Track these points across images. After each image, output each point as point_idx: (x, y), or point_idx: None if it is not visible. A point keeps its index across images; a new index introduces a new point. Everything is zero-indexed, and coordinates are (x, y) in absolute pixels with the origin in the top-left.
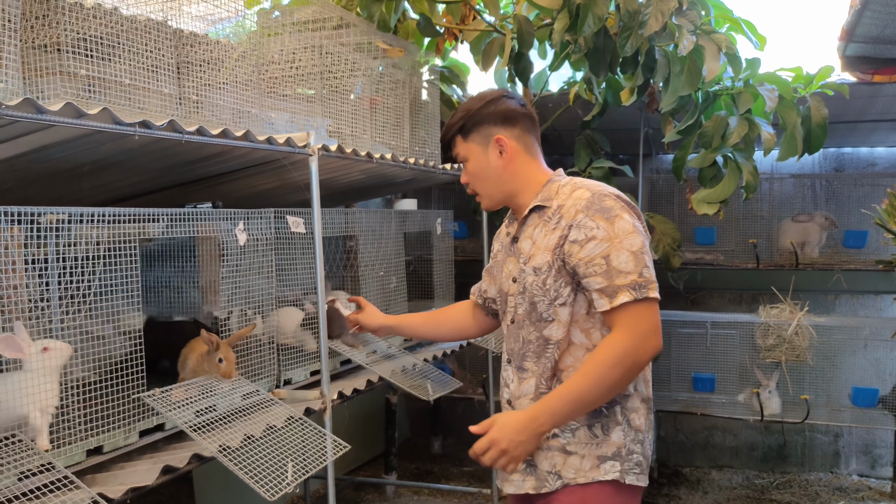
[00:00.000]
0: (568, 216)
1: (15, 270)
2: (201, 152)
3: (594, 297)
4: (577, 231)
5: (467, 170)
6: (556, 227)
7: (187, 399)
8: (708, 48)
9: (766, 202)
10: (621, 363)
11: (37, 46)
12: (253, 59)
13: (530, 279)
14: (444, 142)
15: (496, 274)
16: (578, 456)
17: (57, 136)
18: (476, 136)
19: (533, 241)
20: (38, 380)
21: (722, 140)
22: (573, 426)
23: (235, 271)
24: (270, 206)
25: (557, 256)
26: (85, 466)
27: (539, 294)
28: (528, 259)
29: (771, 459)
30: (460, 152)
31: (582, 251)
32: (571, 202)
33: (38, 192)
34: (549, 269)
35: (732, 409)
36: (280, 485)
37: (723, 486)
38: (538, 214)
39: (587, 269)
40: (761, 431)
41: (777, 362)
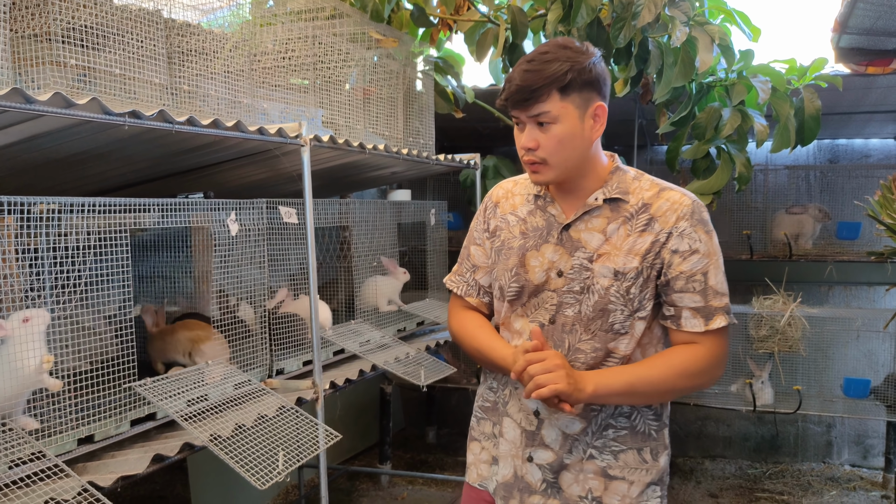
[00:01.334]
0: (664, 221)
1: (6, 260)
2: (192, 142)
3: (685, 314)
4: (680, 241)
5: (551, 132)
6: (646, 230)
7: (182, 388)
8: (701, 39)
9: (759, 193)
10: (693, 379)
11: (27, 36)
12: (246, 49)
13: (604, 282)
14: (528, 91)
15: (506, 259)
16: (626, 482)
17: (46, 125)
18: (577, 97)
19: (606, 238)
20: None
21: (715, 131)
22: (615, 448)
23: (227, 261)
24: (264, 196)
25: (649, 264)
26: (76, 455)
27: (619, 302)
28: (596, 257)
29: (764, 450)
30: (551, 110)
31: (684, 263)
32: (668, 205)
33: (30, 181)
34: (636, 277)
35: (725, 399)
36: (270, 474)
37: (716, 476)
38: (611, 208)
39: (686, 284)
40: (754, 422)
41: (770, 353)
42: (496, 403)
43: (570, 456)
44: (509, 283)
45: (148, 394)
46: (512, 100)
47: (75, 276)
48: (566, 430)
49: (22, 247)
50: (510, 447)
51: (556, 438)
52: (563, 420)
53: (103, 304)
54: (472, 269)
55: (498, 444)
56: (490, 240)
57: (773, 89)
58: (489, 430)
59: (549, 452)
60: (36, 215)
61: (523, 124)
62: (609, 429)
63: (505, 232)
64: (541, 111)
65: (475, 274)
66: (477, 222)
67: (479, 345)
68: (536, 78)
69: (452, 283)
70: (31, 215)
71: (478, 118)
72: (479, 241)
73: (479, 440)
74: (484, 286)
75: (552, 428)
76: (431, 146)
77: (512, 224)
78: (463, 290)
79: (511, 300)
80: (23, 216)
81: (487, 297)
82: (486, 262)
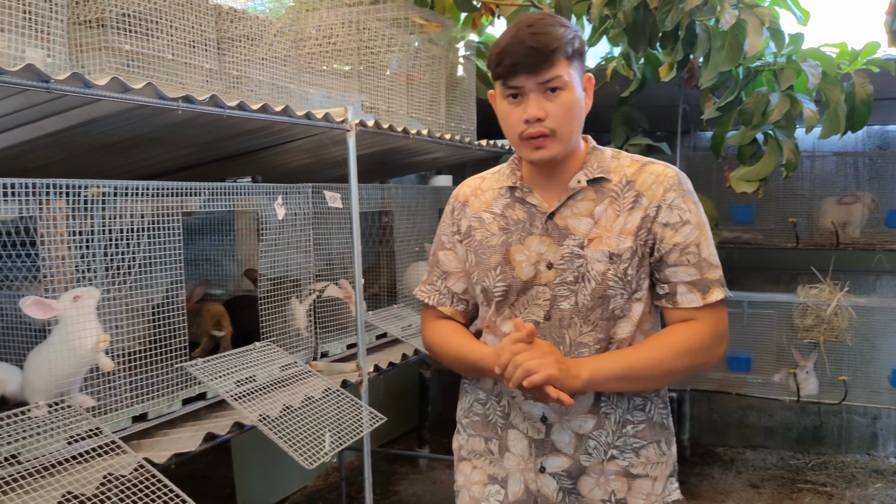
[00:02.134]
0: (652, 194)
1: (61, 242)
2: (241, 127)
3: (680, 290)
4: (670, 213)
5: (561, 100)
6: (634, 207)
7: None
8: (750, 22)
9: (807, 180)
10: (693, 357)
11: (80, 22)
12: (291, 34)
13: (600, 267)
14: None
15: (487, 258)
16: (650, 479)
17: (103, 110)
18: (578, 64)
19: (595, 221)
20: (81, 325)
21: (762, 117)
22: (636, 445)
23: (274, 245)
24: (305, 181)
25: (642, 241)
26: (130, 432)
27: (618, 286)
28: (587, 242)
29: (806, 440)
30: (562, 75)
31: (677, 235)
32: (652, 178)
33: (84, 165)
34: (631, 257)
35: (768, 389)
36: (318, 454)
37: (757, 466)
38: (595, 189)
39: (680, 257)
40: (797, 412)
41: (815, 343)
42: (487, 417)
43: (588, 458)
44: (495, 283)
45: (199, 373)
46: (524, 64)
47: (129, 258)
48: (579, 430)
49: (75, 229)
50: (518, 461)
51: (569, 441)
52: (575, 420)
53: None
54: (443, 276)
55: (501, 460)
56: (463, 242)
57: (823, 74)
58: (481, 447)
59: (563, 458)
60: (90, 198)
61: (523, 96)
62: (627, 425)
63: (481, 231)
64: (553, 75)
65: (447, 281)
66: (444, 226)
67: (457, 351)
68: (549, 40)
69: (423, 293)
70: (85, 198)
71: None
72: (450, 245)
73: (470, 459)
74: (457, 293)
75: (563, 431)
76: (473, 131)
77: (488, 221)
78: (435, 300)
79: (498, 301)
80: (75, 199)
81: (462, 304)
82: (458, 267)
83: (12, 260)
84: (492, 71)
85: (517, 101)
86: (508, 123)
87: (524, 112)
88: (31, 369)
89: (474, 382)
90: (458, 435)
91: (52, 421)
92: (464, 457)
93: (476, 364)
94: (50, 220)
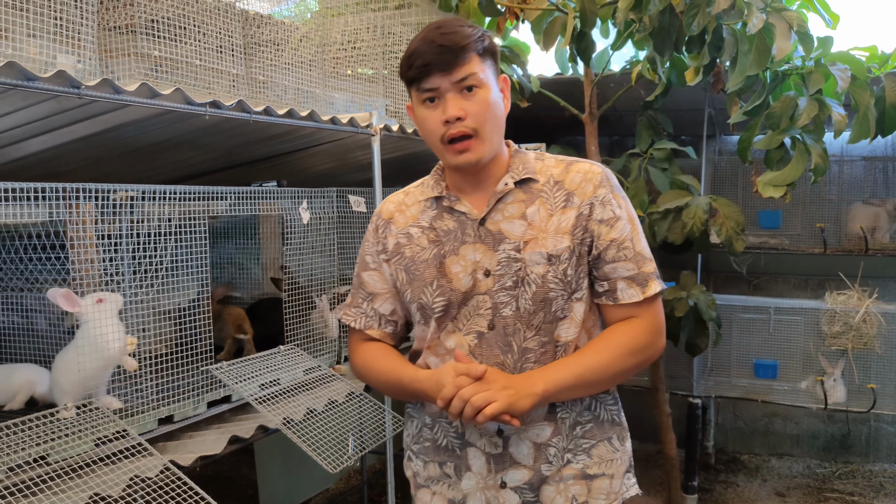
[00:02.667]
0: (582, 193)
1: (90, 245)
2: (267, 132)
3: (620, 286)
4: (603, 209)
5: (479, 98)
6: (567, 206)
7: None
8: (778, 26)
9: (835, 185)
10: (640, 353)
11: (109, 28)
12: (316, 39)
13: (539, 269)
14: (454, 51)
15: (421, 274)
16: (606, 478)
17: (132, 115)
18: (492, 64)
19: (528, 223)
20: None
21: (790, 121)
22: (586, 445)
23: (300, 250)
24: (328, 185)
25: (579, 240)
26: (156, 434)
27: (558, 287)
28: (523, 245)
29: (833, 449)
30: (476, 72)
31: (613, 232)
32: (580, 177)
33: (112, 169)
34: (570, 256)
35: (795, 396)
36: (341, 458)
37: (782, 475)
38: (523, 190)
39: (618, 252)
40: (824, 420)
41: (843, 350)
42: (437, 441)
43: (549, 467)
44: (433, 299)
45: (223, 376)
46: (435, 63)
47: (156, 261)
48: (537, 439)
49: (102, 233)
50: (477, 479)
51: (528, 453)
52: (532, 429)
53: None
54: (369, 297)
55: (459, 482)
56: (391, 261)
57: (852, 77)
58: (437, 472)
59: (524, 470)
60: (118, 202)
61: (439, 98)
62: (577, 427)
63: (410, 247)
64: (468, 73)
65: (373, 303)
66: (367, 245)
67: (389, 376)
68: (459, 38)
69: (349, 316)
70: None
71: (542, 107)
72: (374, 265)
73: (428, 486)
74: (385, 315)
75: (522, 442)
76: None
77: (416, 236)
78: (362, 323)
79: (439, 317)
80: (104, 203)
81: (391, 326)
82: (385, 287)
83: (42, 263)
84: (404, 77)
85: (434, 105)
86: (428, 128)
87: (443, 113)
88: (58, 370)
89: (419, 407)
90: (411, 462)
91: (80, 422)
92: (421, 484)
93: (412, 389)
94: (80, 224)
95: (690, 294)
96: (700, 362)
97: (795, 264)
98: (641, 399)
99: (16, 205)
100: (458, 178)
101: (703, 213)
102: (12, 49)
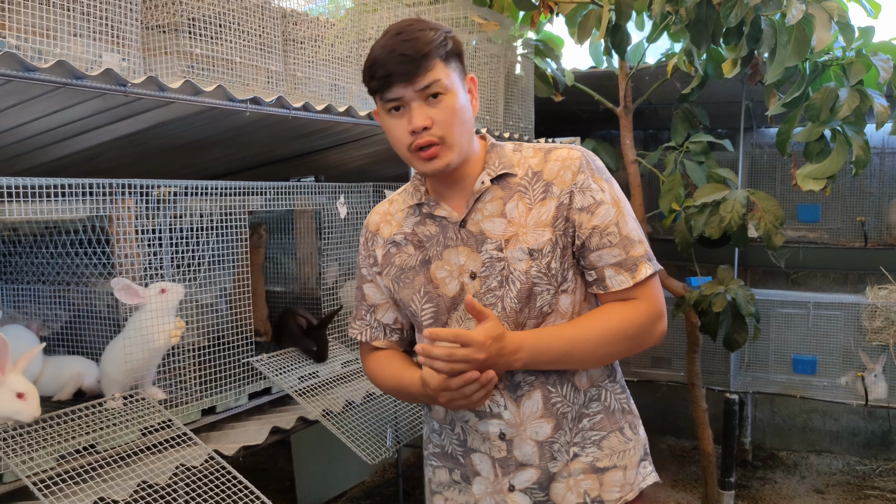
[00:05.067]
0: (561, 182)
1: (130, 240)
2: (305, 128)
3: (608, 273)
4: (582, 196)
5: (444, 105)
6: (545, 197)
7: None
8: (818, 16)
9: (875, 178)
10: (633, 337)
11: (151, 27)
12: (352, 34)
13: (522, 266)
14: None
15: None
16: (619, 469)
17: (175, 112)
18: (456, 65)
19: (508, 220)
20: (160, 317)
21: (831, 113)
22: (595, 437)
23: (338, 244)
24: (362, 179)
25: (561, 231)
26: (200, 425)
27: (543, 281)
28: (504, 243)
29: (874, 445)
30: (440, 79)
31: (594, 218)
32: (558, 165)
33: (153, 166)
34: (553, 249)
35: (834, 392)
36: (379, 450)
37: (821, 472)
38: (501, 186)
39: (601, 239)
40: (864, 416)
41: (884, 345)
42: (444, 448)
43: (554, 463)
44: (422, 306)
45: (264, 369)
46: (398, 73)
47: (199, 255)
48: (537, 437)
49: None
50: (485, 485)
51: (532, 452)
52: (531, 428)
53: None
54: (371, 309)
55: (470, 487)
56: (382, 272)
57: (894, 68)
58: (446, 478)
59: (531, 470)
60: (163, 198)
61: (404, 107)
62: (583, 419)
63: (399, 256)
64: (431, 80)
65: (375, 314)
66: (361, 259)
67: (391, 381)
68: (420, 45)
69: (355, 329)
70: (159, 198)
71: (576, 101)
72: (370, 277)
73: (441, 492)
74: (388, 324)
75: (524, 443)
76: (531, 130)
77: (403, 245)
78: (368, 335)
79: (429, 324)
80: (147, 198)
81: (396, 334)
82: (383, 298)
83: (90, 258)
84: (367, 86)
85: (400, 114)
86: (395, 137)
87: (408, 123)
88: (108, 361)
89: (427, 412)
90: (427, 467)
91: (126, 412)
92: (434, 490)
93: (414, 392)
94: (125, 219)
95: (728, 289)
96: (737, 357)
97: (835, 258)
98: (677, 394)
99: (63, 200)
100: (436, 183)
101: (741, 206)
102: (60, 48)
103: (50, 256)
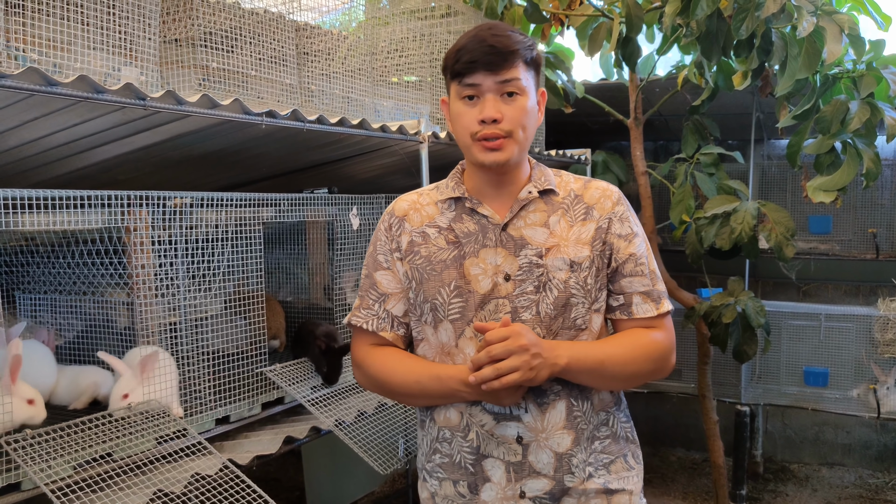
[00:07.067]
0: (601, 208)
1: (143, 251)
2: (319, 140)
3: (636, 300)
4: (621, 225)
5: (517, 103)
6: (586, 218)
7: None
8: (829, 29)
9: (887, 190)
10: (656, 360)
11: (168, 41)
12: (364, 48)
13: (561, 275)
14: (503, 53)
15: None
16: (626, 493)
17: (191, 125)
18: (534, 74)
19: (550, 231)
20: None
21: (841, 125)
22: (605, 460)
23: (352, 256)
24: (374, 190)
25: (598, 252)
26: (213, 434)
27: (580, 294)
28: (545, 251)
29: (887, 458)
30: (519, 78)
31: (631, 246)
32: (598, 192)
33: (168, 177)
34: (590, 266)
35: (846, 405)
36: (391, 460)
37: (833, 485)
38: (545, 201)
39: (635, 267)
40: (876, 429)
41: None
42: (454, 458)
43: (571, 478)
44: (449, 301)
45: (277, 379)
46: (482, 61)
47: (213, 265)
48: (557, 448)
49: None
50: (496, 490)
51: (548, 462)
52: (553, 438)
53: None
54: (381, 298)
55: (476, 497)
56: (405, 259)
57: None
58: (451, 490)
59: (544, 480)
60: (180, 209)
61: (479, 97)
62: (595, 441)
63: (426, 246)
64: (512, 77)
65: (385, 304)
66: (379, 245)
67: (420, 375)
68: (510, 42)
69: (359, 318)
70: (176, 209)
71: (587, 113)
72: (387, 264)
73: None
74: (398, 317)
75: (542, 451)
76: (542, 141)
77: (433, 236)
78: (374, 325)
79: (454, 320)
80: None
81: (402, 328)
82: (398, 287)
83: (104, 267)
84: (449, 69)
85: (473, 103)
86: (462, 124)
87: (480, 112)
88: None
89: (432, 423)
90: (425, 483)
91: (142, 421)
92: None
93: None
94: (141, 230)
95: (738, 300)
96: (748, 369)
97: (846, 270)
98: (688, 406)
99: (80, 212)
100: (480, 182)
101: (752, 218)
102: (80, 62)
103: (66, 266)
